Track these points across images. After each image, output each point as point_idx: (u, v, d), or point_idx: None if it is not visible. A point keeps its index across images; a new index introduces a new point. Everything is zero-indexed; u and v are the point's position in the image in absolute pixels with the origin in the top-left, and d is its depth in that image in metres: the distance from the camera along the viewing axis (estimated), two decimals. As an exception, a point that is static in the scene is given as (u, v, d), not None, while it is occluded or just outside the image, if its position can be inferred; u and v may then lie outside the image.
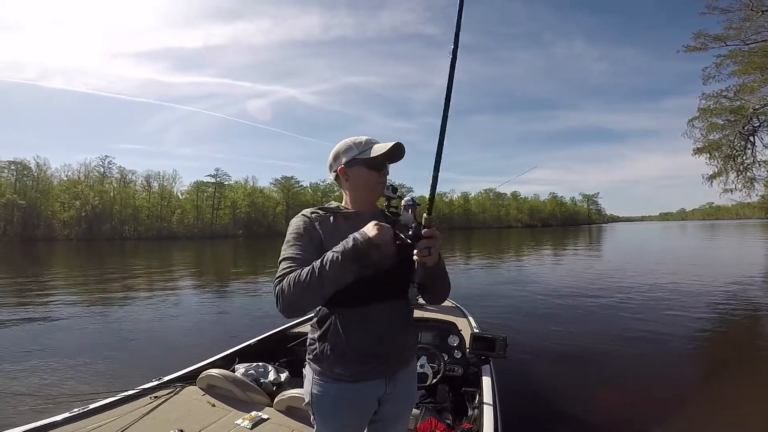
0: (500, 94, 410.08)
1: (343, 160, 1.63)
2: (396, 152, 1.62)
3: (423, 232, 1.41)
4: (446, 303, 5.14)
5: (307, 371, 1.60)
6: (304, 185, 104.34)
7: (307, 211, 1.62)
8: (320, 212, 1.61)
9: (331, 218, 1.60)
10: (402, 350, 1.63)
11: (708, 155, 18.45)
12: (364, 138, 1.66)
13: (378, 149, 1.60)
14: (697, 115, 18.60)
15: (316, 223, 1.57)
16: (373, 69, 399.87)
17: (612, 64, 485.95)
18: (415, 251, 1.41)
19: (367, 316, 1.53)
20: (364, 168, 1.62)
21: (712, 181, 18.93)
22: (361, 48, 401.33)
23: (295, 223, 1.58)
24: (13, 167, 76.24)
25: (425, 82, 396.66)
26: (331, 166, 1.69)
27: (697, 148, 18.82)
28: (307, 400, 1.60)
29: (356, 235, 1.40)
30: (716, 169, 18.56)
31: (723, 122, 17.82)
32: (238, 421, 2.45)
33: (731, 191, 18.36)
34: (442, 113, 1.38)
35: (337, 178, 1.69)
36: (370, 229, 1.40)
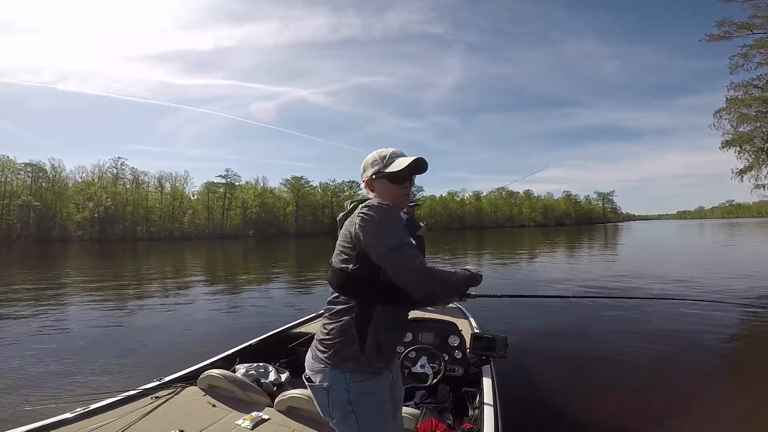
0: (510, 93, 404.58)
1: (370, 172, 1.75)
2: (417, 166, 1.72)
3: None
4: None
5: (332, 379, 1.58)
6: (314, 185, 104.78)
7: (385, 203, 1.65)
8: None
9: None
10: None
11: (738, 148, 17.77)
12: (389, 151, 1.75)
13: (399, 164, 1.70)
14: (725, 106, 17.90)
15: None
16: (382, 69, 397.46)
17: (624, 62, 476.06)
18: None
19: (398, 314, 1.70)
20: (387, 181, 1.72)
21: (742, 176, 18.28)
22: (369, 48, 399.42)
23: (391, 211, 1.61)
24: (29, 169, 77.67)
25: (434, 81, 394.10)
26: (361, 175, 1.80)
27: (726, 141, 18.11)
28: (344, 411, 1.57)
29: (478, 275, 1.73)
30: (747, 163, 17.89)
31: (754, 113, 17.08)
32: (239, 422, 2.45)
33: (764, 187, 17.76)
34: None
35: (366, 188, 1.80)
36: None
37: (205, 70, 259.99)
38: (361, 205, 1.61)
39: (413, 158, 1.70)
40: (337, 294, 1.65)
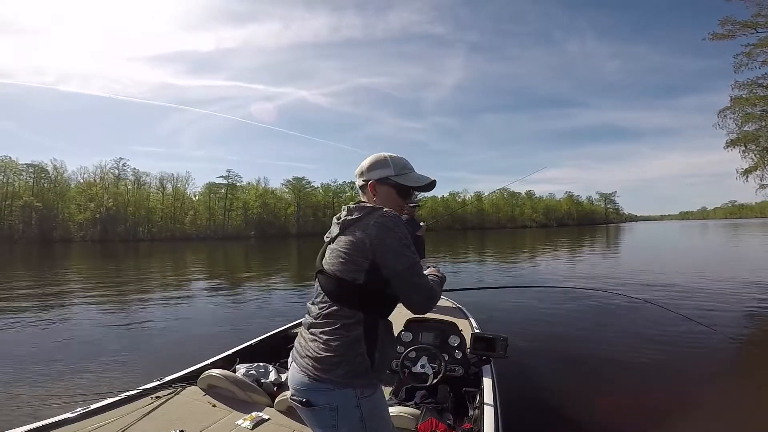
0: (511, 93, 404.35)
1: (377, 174, 1.66)
2: (430, 188, 1.71)
3: None
4: (447, 303, 5.13)
5: (341, 399, 1.47)
6: (316, 186, 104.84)
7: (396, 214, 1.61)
8: None
9: None
10: None
11: (743, 147, 17.66)
12: (404, 160, 1.69)
13: (415, 180, 1.68)
14: (729, 105, 17.81)
15: None
16: (383, 69, 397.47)
17: (626, 62, 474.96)
18: None
19: (391, 324, 1.64)
20: (394, 191, 1.67)
21: (747, 176, 18.13)
22: (370, 49, 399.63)
23: (404, 225, 1.57)
24: (31, 170, 77.88)
25: (435, 81, 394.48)
26: (362, 174, 1.70)
27: (731, 141, 18.00)
28: (356, 428, 1.48)
29: (445, 277, 1.84)
30: (752, 163, 17.75)
31: (759, 112, 16.95)
32: (239, 422, 2.44)
33: None
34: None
35: (362, 187, 1.70)
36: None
37: (206, 71, 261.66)
38: (375, 214, 1.53)
39: (432, 179, 1.69)
40: (336, 306, 1.52)
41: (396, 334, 2.45)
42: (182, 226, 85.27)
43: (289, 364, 1.64)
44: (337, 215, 1.66)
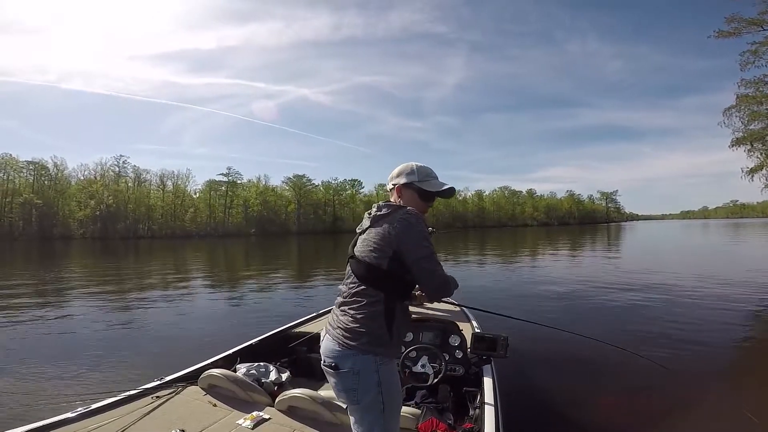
0: (513, 92, 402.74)
1: (403, 180, 1.92)
2: (448, 194, 1.94)
3: None
4: (448, 303, 5.11)
5: (363, 364, 1.72)
6: (316, 184, 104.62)
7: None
8: None
9: None
10: None
11: (749, 146, 17.52)
12: (429, 169, 1.96)
13: (435, 185, 1.92)
14: (735, 103, 17.68)
15: None
16: (384, 69, 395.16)
17: (628, 62, 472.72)
18: None
19: (408, 308, 1.93)
20: (417, 195, 1.92)
21: (752, 175, 18.03)
22: (372, 48, 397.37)
23: (425, 221, 1.83)
24: (31, 167, 77.84)
25: (436, 81, 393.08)
26: (392, 178, 1.97)
27: (736, 139, 17.86)
28: (373, 393, 1.72)
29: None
30: (758, 162, 17.65)
31: (766, 110, 16.81)
32: (240, 421, 2.44)
33: None
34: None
35: (391, 190, 1.97)
36: None
37: (208, 70, 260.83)
38: (401, 211, 1.79)
39: (449, 186, 1.92)
40: (363, 286, 1.78)
41: None
42: (182, 224, 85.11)
43: (322, 337, 1.89)
44: (369, 211, 1.92)
